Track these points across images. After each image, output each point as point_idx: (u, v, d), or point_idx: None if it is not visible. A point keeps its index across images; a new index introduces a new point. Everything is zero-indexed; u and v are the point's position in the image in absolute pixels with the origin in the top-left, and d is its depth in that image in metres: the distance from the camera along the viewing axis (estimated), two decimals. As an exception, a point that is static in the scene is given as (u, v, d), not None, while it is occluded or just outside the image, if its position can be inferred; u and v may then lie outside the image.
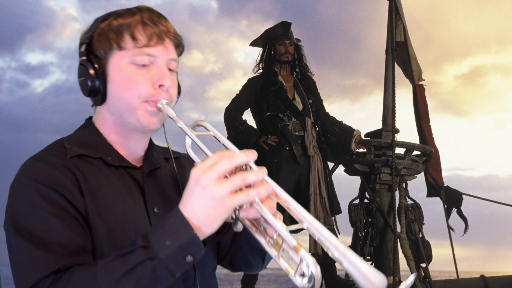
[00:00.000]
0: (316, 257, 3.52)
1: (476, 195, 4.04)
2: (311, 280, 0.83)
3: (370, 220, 3.68)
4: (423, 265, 3.54)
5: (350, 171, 3.87)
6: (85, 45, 1.10)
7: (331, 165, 3.90)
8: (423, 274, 3.49)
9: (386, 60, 3.96)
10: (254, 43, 4.00)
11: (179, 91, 1.17)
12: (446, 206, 3.96)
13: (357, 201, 3.80)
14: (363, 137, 3.77)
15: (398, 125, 3.76)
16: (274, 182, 0.91)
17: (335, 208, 3.71)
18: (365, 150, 3.72)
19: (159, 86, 1.08)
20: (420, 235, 3.59)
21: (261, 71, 3.88)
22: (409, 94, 4.14)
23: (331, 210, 3.67)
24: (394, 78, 3.77)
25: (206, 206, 0.88)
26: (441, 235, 4.13)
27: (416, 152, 3.81)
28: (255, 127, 3.78)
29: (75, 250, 0.97)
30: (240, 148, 0.94)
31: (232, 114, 3.75)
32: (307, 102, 3.77)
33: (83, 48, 1.10)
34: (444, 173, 4.13)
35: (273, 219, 0.89)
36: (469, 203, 3.98)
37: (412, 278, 0.80)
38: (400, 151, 3.72)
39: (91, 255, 1.00)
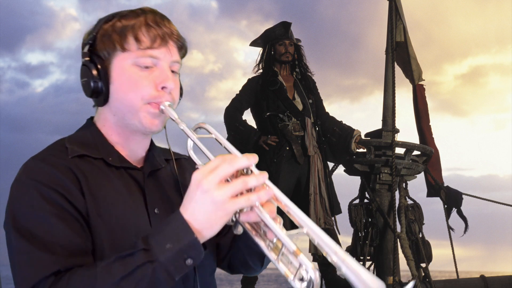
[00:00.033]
0: (316, 257, 3.53)
1: (476, 195, 4.04)
2: (310, 285, 0.83)
3: (370, 220, 3.68)
4: (423, 265, 3.54)
5: (350, 171, 3.87)
6: (88, 46, 1.10)
7: (331, 165, 3.90)
8: (423, 274, 3.49)
9: (386, 60, 3.96)
10: (254, 43, 4.00)
11: (181, 92, 1.17)
12: (446, 206, 3.96)
13: (357, 201, 3.80)
14: (363, 137, 3.77)
15: (398, 125, 3.76)
16: (275, 186, 0.91)
17: (335, 208, 3.71)
18: (365, 150, 3.72)
19: (162, 88, 1.08)
20: (420, 235, 3.59)
21: (261, 71, 3.88)
22: (409, 94, 4.15)
23: (331, 210, 3.67)
24: (394, 78, 3.77)
25: (207, 210, 0.88)
26: (441, 235, 4.13)
27: (416, 152, 3.81)
28: (255, 127, 3.78)
29: (76, 251, 0.97)
30: (240, 148, 0.95)
31: (232, 114, 3.75)
32: (307, 102, 3.77)
33: (86, 49, 1.10)
34: (444, 173, 4.14)
35: (273, 224, 0.89)
36: (469, 203, 3.99)
37: (411, 286, 0.81)
38: (400, 151, 3.72)
39: (91, 256, 1.00)
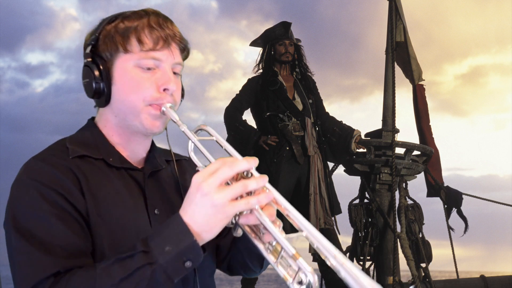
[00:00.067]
0: (316, 257, 3.53)
1: (476, 195, 4.04)
2: None
3: (370, 220, 3.67)
4: (423, 265, 3.54)
5: (350, 171, 3.87)
6: (91, 47, 1.10)
7: (331, 165, 3.90)
8: (423, 274, 3.49)
9: (386, 60, 3.96)
10: (254, 43, 4.00)
11: (182, 94, 1.17)
12: (446, 206, 3.96)
13: (357, 201, 3.80)
14: (363, 137, 3.77)
15: (398, 125, 3.76)
16: (275, 190, 0.91)
17: (335, 208, 3.71)
18: (365, 150, 3.71)
19: (164, 90, 1.08)
20: (420, 235, 3.59)
21: (261, 71, 3.88)
22: (409, 94, 4.15)
23: (331, 210, 3.67)
24: (394, 78, 3.77)
25: (207, 213, 0.88)
26: (441, 235, 4.13)
27: (416, 152, 3.80)
28: (255, 127, 3.78)
29: (75, 252, 0.97)
30: (240, 148, 0.95)
31: (232, 114, 3.75)
32: (307, 102, 3.77)
33: (88, 50, 1.10)
34: (444, 173, 4.14)
35: (273, 227, 0.89)
36: (469, 203, 3.99)
37: None
38: (400, 151, 3.72)
39: (91, 256, 1.00)
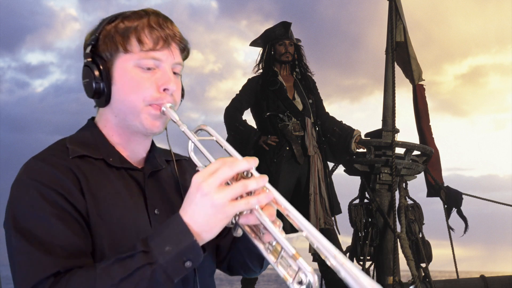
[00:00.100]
0: (316, 257, 3.53)
1: (476, 195, 4.04)
2: None
3: (370, 220, 3.67)
4: (423, 265, 3.54)
5: (350, 171, 3.87)
6: (91, 47, 1.10)
7: (331, 165, 3.90)
8: (423, 274, 3.49)
9: (386, 60, 3.96)
10: (254, 43, 4.00)
11: (182, 93, 1.17)
12: (446, 206, 3.96)
13: (357, 201, 3.80)
14: (363, 137, 3.77)
15: (398, 125, 3.76)
16: (275, 190, 0.92)
17: (335, 208, 3.71)
18: (365, 150, 3.71)
19: (164, 90, 1.08)
20: (420, 235, 3.59)
21: (261, 71, 3.88)
22: (409, 94, 4.15)
23: (331, 210, 3.67)
24: (394, 78, 3.77)
25: (207, 213, 0.88)
26: (441, 235, 4.13)
27: (416, 152, 3.81)
28: (255, 127, 3.78)
29: (75, 252, 0.97)
30: (240, 148, 0.95)
31: (232, 114, 3.75)
32: (307, 102, 3.77)
33: (88, 50, 1.10)
34: (444, 173, 4.14)
35: (273, 227, 0.89)
36: (469, 203, 3.99)
37: None
38: (400, 151, 3.72)
39: (91, 257, 1.00)
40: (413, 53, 3.99)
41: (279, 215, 0.94)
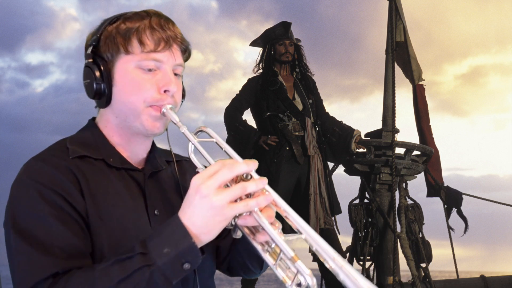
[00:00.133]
0: (317, 256, 3.53)
1: (476, 195, 4.03)
2: None
3: (370, 220, 3.67)
4: (423, 265, 3.54)
5: (350, 171, 3.87)
6: (92, 48, 1.10)
7: (331, 165, 3.90)
8: (423, 274, 3.49)
9: (386, 60, 3.96)
10: (254, 43, 4.00)
11: (183, 94, 1.17)
12: (446, 206, 3.96)
13: (357, 201, 3.80)
14: (363, 137, 3.77)
15: (398, 125, 3.76)
16: (274, 192, 0.91)
17: (335, 208, 3.71)
18: (365, 150, 3.71)
19: (164, 91, 1.08)
20: (420, 235, 3.59)
21: (261, 71, 3.88)
22: (409, 94, 4.15)
23: (331, 210, 3.67)
24: (394, 78, 3.77)
25: (205, 215, 0.88)
26: (441, 235, 4.13)
27: (416, 152, 3.81)
28: (255, 127, 3.78)
29: (74, 253, 0.97)
30: (240, 148, 0.95)
31: (232, 114, 3.75)
32: (307, 102, 3.77)
33: (89, 50, 1.10)
34: (444, 173, 4.13)
35: (272, 229, 0.88)
36: (469, 203, 3.99)
37: None
38: (400, 151, 3.72)
39: (90, 258, 1.00)
40: (413, 53, 3.99)
41: (279, 216, 0.94)
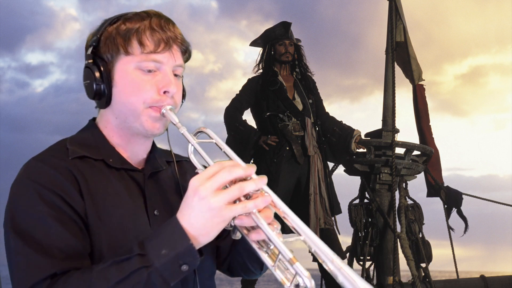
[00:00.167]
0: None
1: (476, 195, 4.04)
2: None
3: (370, 220, 3.67)
4: (423, 265, 3.54)
5: (350, 171, 3.87)
6: (92, 48, 1.10)
7: (331, 165, 3.90)
8: (423, 274, 3.49)
9: (386, 60, 3.96)
10: (254, 43, 4.00)
11: (184, 95, 1.17)
12: (446, 206, 3.96)
13: (357, 201, 3.80)
14: (363, 137, 3.77)
15: (398, 125, 3.76)
16: (273, 193, 0.91)
17: (335, 208, 3.71)
18: (365, 150, 3.72)
19: (164, 92, 1.08)
20: (420, 235, 3.59)
21: (261, 71, 3.88)
22: (409, 94, 4.15)
23: (331, 210, 3.67)
24: (394, 78, 3.77)
25: (203, 217, 0.88)
26: (441, 235, 4.13)
27: (416, 152, 3.81)
28: (255, 127, 3.78)
29: (73, 253, 0.97)
30: (240, 148, 0.95)
31: (232, 114, 3.75)
32: (307, 102, 3.77)
33: (89, 51, 1.10)
34: (444, 173, 4.14)
35: (270, 231, 0.88)
36: (469, 203, 3.99)
37: None
38: (400, 151, 3.72)
39: (89, 258, 1.00)
40: (413, 53, 3.99)
41: (278, 217, 0.94)
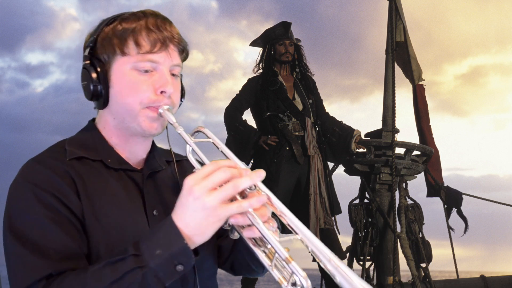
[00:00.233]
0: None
1: (476, 195, 4.04)
2: None
3: (370, 220, 3.67)
4: (423, 265, 3.54)
5: (350, 171, 3.87)
6: (89, 49, 1.10)
7: (331, 165, 3.90)
8: (423, 274, 3.49)
9: (386, 60, 3.96)
10: (254, 43, 4.00)
11: (183, 94, 1.17)
12: (446, 206, 3.96)
13: (357, 201, 3.80)
14: (363, 137, 3.77)
15: (398, 125, 3.77)
16: (270, 192, 0.91)
17: (335, 208, 3.71)
18: (365, 150, 3.72)
19: (161, 92, 1.08)
20: (420, 235, 3.59)
21: (261, 71, 3.88)
22: (409, 94, 4.15)
23: (331, 210, 3.67)
24: (394, 78, 3.77)
25: (198, 216, 0.87)
26: (441, 235, 4.13)
27: (416, 152, 3.81)
28: (255, 127, 3.78)
29: (69, 255, 0.97)
30: (240, 148, 0.94)
31: (232, 114, 3.75)
32: (307, 102, 3.77)
33: (86, 52, 1.10)
34: (444, 173, 4.14)
35: (266, 230, 0.88)
36: (469, 203, 3.99)
37: None
38: (400, 151, 3.72)
39: (86, 259, 1.00)
40: (413, 53, 3.99)
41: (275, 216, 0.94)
